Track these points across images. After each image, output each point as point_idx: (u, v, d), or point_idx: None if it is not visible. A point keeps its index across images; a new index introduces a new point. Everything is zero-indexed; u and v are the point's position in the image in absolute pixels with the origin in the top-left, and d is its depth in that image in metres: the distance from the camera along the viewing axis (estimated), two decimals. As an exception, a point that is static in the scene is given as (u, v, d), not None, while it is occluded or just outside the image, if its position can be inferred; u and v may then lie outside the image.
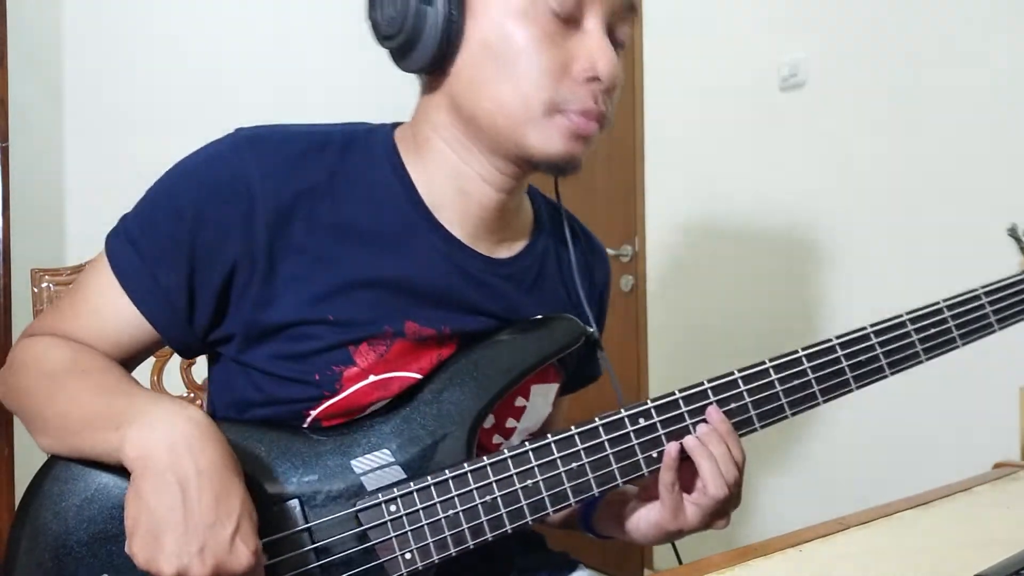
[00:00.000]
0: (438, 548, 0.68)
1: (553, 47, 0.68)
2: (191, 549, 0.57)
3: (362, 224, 0.73)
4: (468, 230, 0.77)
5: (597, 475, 0.71)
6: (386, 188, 0.75)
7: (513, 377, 0.75)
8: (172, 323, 0.72)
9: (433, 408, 0.72)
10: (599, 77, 0.69)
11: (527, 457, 0.70)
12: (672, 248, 2.29)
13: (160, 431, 0.59)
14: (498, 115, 0.70)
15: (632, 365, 2.39)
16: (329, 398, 0.71)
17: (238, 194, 0.69)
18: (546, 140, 0.70)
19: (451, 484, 0.69)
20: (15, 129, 1.62)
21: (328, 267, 0.71)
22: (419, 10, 0.69)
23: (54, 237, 1.81)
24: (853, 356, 0.76)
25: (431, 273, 0.74)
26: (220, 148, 0.72)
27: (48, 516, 0.64)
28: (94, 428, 0.63)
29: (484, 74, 0.70)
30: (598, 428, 0.71)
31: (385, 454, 0.70)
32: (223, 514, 0.58)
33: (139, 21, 1.90)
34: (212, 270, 0.70)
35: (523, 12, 0.68)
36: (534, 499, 0.70)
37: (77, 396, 0.66)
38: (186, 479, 0.58)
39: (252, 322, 0.71)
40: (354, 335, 0.71)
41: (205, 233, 0.69)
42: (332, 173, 0.73)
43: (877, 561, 0.68)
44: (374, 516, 0.68)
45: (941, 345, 0.79)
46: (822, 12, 1.87)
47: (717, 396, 0.73)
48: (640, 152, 2.34)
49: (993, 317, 0.80)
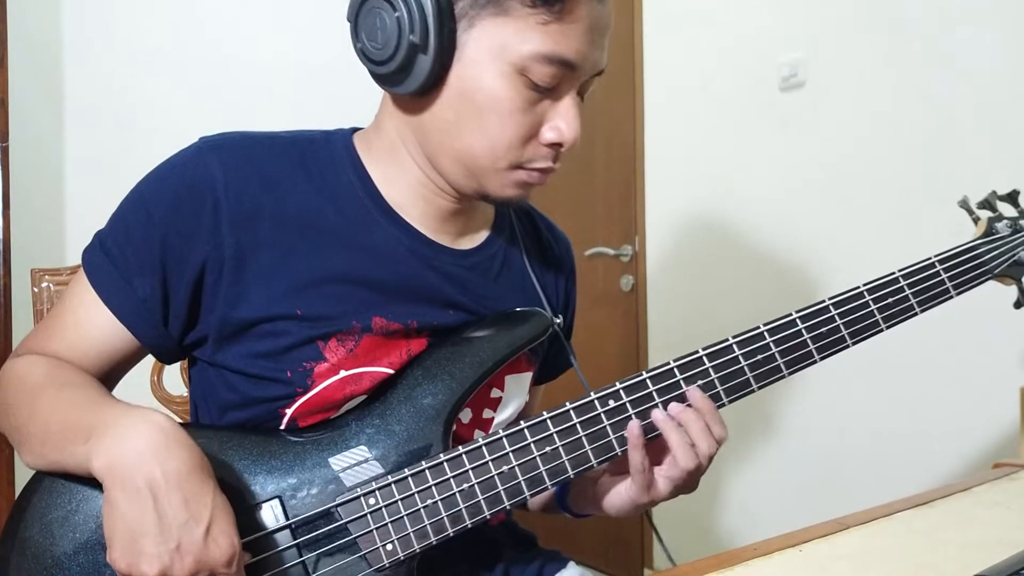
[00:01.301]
0: (419, 538, 0.69)
1: (527, 113, 0.72)
2: (169, 547, 0.59)
3: (326, 220, 0.75)
4: (429, 224, 0.80)
5: (571, 457, 0.73)
6: (347, 185, 0.78)
7: (485, 370, 0.77)
8: (150, 330, 0.75)
9: (408, 404, 0.74)
10: (562, 144, 0.74)
11: (501, 444, 0.72)
12: (672, 248, 2.29)
13: (126, 440, 0.61)
14: (466, 160, 0.74)
15: (632, 365, 2.39)
16: (302, 395, 0.73)
17: (203, 198, 0.72)
18: (502, 187, 0.75)
19: (428, 474, 0.70)
20: (15, 129, 1.62)
21: (295, 263, 0.74)
22: (410, 51, 0.70)
23: (54, 237, 1.81)
24: (814, 328, 0.78)
25: (395, 266, 0.77)
26: (185, 156, 0.75)
27: (35, 530, 0.66)
28: (67, 441, 0.65)
29: (460, 120, 0.72)
30: (569, 412, 0.73)
31: (362, 451, 0.72)
32: (194, 512, 0.60)
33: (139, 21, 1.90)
34: (183, 273, 0.73)
35: (506, 76, 0.70)
36: (511, 484, 0.71)
37: (54, 411, 0.68)
38: (154, 483, 0.59)
39: (224, 321, 0.73)
40: (322, 330, 0.73)
41: (174, 238, 0.72)
42: (295, 172, 0.76)
43: (877, 561, 0.68)
44: (353, 509, 0.69)
45: (900, 313, 0.80)
46: (822, 12, 1.87)
47: (683, 374, 0.75)
48: (640, 152, 2.34)
49: (949, 284, 0.82)
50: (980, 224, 0.88)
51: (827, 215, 1.88)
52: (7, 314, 1.57)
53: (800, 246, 1.94)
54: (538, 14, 0.68)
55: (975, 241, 0.86)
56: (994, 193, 0.90)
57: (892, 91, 1.74)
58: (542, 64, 0.69)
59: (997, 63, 1.57)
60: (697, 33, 2.19)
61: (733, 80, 2.08)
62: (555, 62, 0.69)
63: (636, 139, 2.35)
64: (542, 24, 0.68)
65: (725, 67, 2.11)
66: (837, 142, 1.85)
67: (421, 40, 0.69)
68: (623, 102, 2.38)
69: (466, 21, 0.70)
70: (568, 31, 0.69)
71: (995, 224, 0.87)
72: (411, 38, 0.69)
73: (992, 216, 0.88)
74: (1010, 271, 0.86)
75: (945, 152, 1.66)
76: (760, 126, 2.02)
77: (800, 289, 1.93)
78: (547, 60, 0.69)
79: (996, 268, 0.85)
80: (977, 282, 0.84)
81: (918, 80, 1.70)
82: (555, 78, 0.71)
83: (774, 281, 2.00)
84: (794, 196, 1.95)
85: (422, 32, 0.69)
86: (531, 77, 0.70)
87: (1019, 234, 0.87)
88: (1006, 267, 0.85)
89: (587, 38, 0.71)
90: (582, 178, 2.49)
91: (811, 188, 1.91)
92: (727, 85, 2.10)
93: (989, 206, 0.89)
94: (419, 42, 0.69)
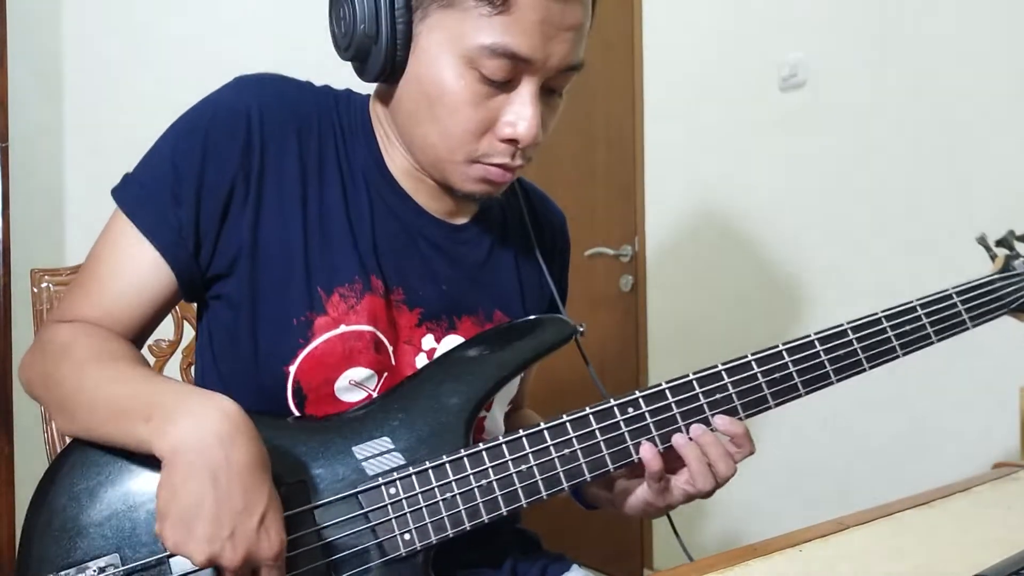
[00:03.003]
0: (436, 529, 0.71)
1: (480, 107, 0.72)
2: (222, 534, 0.59)
3: (339, 174, 0.78)
4: (421, 197, 0.82)
5: (589, 460, 0.74)
6: (361, 147, 0.80)
7: (507, 372, 0.78)
8: (184, 260, 0.75)
9: (431, 400, 0.75)
10: (518, 140, 0.73)
11: (521, 444, 0.73)
12: (672, 248, 2.29)
13: (192, 424, 0.60)
14: (427, 149, 0.76)
15: (632, 365, 2.39)
16: (303, 347, 0.74)
17: (237, 122, 0.74)
18: (464, 181, 0.76)
19: (448, 469, 0.72)
20: (15, 129, 1.62)
21: (309, 200, 0.76)
22: (364, 42, 0.73)
23: (54, 237, 1.81)
24: (832, 351, 0.79)
25: (395, 231, 0.79)
26: (223, 90, 0.78)
27: (64, 499, 0.66)
28: (123, 419, 0.64)
29: (418, 110, 0.74)
30: (588, 417, 0.75)
31: (386, 441, 0.73)
32: (251, 503, 0.60)
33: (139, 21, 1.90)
34: (216, 198, 0.74)
35: (457, 68, 0.71)
36: (528, 483, 0.73)
37: (106, 386, 0.67)
38: (216, 469, 0.59)
39: (242, 243, 0.75)
40: (326, 278, 0.75)
41: (209, 164, 0.74)
42: (320, 119, 0.79)
43: (877, 561, 0.68)
44: (374, 498, 0.70)
45: (917, 341, 0.83)
46: (822, 12, 1.87)
47: (702, 388, 0.76)
48: (640, 152, 2.34)
49: (966, 315, 0.85)
50: (998, 260, 0.92)
51: (827, 215, 1.88)
52: (7, 314, 1.57)
53: (800, 246, 1.94)
54: (482, 6, 0.68)
55: (993, 276, 0.89)
56: (1012, 232, 0.94)
57: (892, 91, 1.74)
58: (489, 57, 0.69)
59: (997, 63, 1.57)
60: (697, 33, 2.19)
61: (733, 80, 2.08)
62: (502, 55, 0.69)
63: (636, 139, 2.35)
64: (486, 16, 0.68)
65: (725, 67, 2.11)
66: (837, 142, 1.85)
67: (372, 31, 0.72)
68: (623, 102, 2.38)
69: (420, 12, 0.72)
70: (515, 24, 0.68)
71: (1012, 261, 0.92)
72: (363, 28, 0.72)
73: (1010, 254, 0.92)
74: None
75: (945, 152, 1.66)
76: (760, 126, 2.02)
77: (800, 289, 1.93)
78: (493, 53, 0.69)
79: (1012, 303, 0.89)
80: (993, 316, 0.87)
81: (918, 80, 1.70)
82: (506, 71, 0.70)
83: (774, 281, 2.00)
84: (794, 196, 1.95)
85: (373, 23, 0.71)
86: (481, 70, 0.70)
87: None
88: (1022, 303, 0.89)
89: (539, 31, 0.69)
90: (582, 178, 2.49)
91: (811, 188, 1.91)
92: (727, 85, 2.10)
93: (1007, 244, 0.93)
94: (371, 33, 0.72)
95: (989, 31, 1.58)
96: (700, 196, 2.20)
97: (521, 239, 0.90)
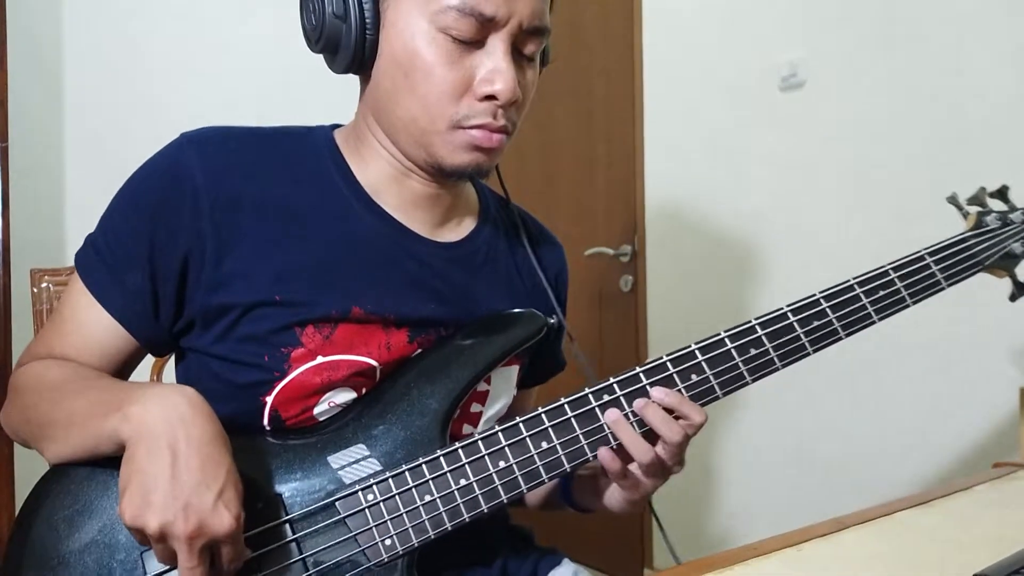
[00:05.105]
0: (417, 532, 0.70)
1: (454, 68, 0.73)
2: (176, 505, 0.60)
3: (305, 210, 0.77)
4: (407, 212, 0.81)
5: (567, 451, 0.74)
6: (327, 175, 0.80)
7: (479, 370, 0.78)
8: (143, 324, 0.77)
9: (405, 403, 0.75)
10: (496, 96, 0.73)
11: (497, 438, 0.73)
12: (672, 248, 2.29)
13: (157, 405, 0.64)
14: (409, 125, 0.76)
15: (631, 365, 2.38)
16: (280, 379, 0.74)
17: (183, 190, 0.74)
18: (451, 152, 0.76)
19: (425, 470, 0.71)
20: (15, 129, 1.62)
21: (275, 251, 0.75)
22: (334, 24, 0.75)
23: (54, 237, 1.81)
24: (806, 322, 0.79)
25: (374, 256, 0.79)
26: (165, 152, 0.77)
27: (43, 528, 0.67)
28: (98, 418, 0.66)
29: (396, 86, 0.75)
30: (563, 406, 0.75)
31: (361, 448, 0.73)
32: (209, 478, 0.62)
33: (139, 21, 1.90)
34: (169, 265, 0.75)
35: (427, 34, 0.72)
36: (508, 478, 0.72)
37: (82, 394, 0.70)
38: (176, 444, 0.62)
39: (207, 307, 0.75)
40: (300, 316, 0.75)
41: (159, 231, 0.74)
42: (274, 163, 0.78)
43: (877, 561, 0.68)
44: (352, 504, 0.70)
45: (892, 305, 0.82)
46: (822, 12, 1.87)
47: (676, 368, 0.76)
48: (640, 152, 2.34)
49: (940, 275, 0.84)
50: (969, 218, 0.90)
51: (827, 215, 1.88)
52: (7, 314, 1.57)
53: (800, 246, 1.94)
54: None
55: (965, 234, 0.88)
56: (983, 189, 0.92)
57: (892, 91, 1.74)
58: (457, 18, 0.71)
59: (997, 63, 1.57)
60: (697, 33, 2.19)
61: (733, 80, 2.08)
62: (469, 13, 0.71)
63: (636, 138, 2.35)
64: None
65: (725, 67, 2.11)
66: (837, 142, 1.85)
67: (340, 11, 0.74)
68: (623, 102, 2.38)
69: None
70: None
71: (984, 218, 0.89)
72: (331, 11, 0.74)
73: (981, 210, 0.90)
74: (1002, 263, 0.88)
75: (945, 152, 1.66)
76: (760, 126, 2.02)
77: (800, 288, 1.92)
78: (460, 12, 0.71)
79: (987, 260, 0.87)
80: (968, 274, 0.86)
81: (918, 80, 1.70)
82: (475, 30, 0.72)
83: (774, 281, 2.00)
84: (794, 196, 1.95)
85: (341, 4, 0.74)
86: (450, 32, 0.72)
87: (1009, 227, 0.89)
88: (997, 259, 0.87)
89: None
90: (582, 178, 2.49)
91: (811, 188, 1.91)
92: (727, 85, 2.10)
93: (978, 202, 0.91)
94: (340, 13, 0.74)
95: (989, 31, 1.58)
96: (700, 196, 2.20)
97: (516, 256, 0.90)
